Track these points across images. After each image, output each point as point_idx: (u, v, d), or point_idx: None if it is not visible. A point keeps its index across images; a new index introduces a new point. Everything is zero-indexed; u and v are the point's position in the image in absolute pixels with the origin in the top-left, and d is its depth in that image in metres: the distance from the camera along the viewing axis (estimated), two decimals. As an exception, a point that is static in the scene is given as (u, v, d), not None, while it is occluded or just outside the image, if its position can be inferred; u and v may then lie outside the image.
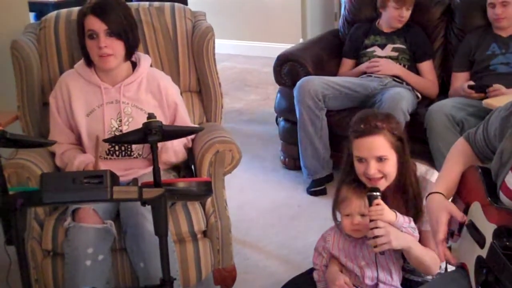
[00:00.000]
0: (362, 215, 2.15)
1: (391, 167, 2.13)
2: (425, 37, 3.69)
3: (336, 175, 3.74)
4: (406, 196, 2.14)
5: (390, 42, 3.67)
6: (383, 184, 2.14)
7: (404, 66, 3.62)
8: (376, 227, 2.03)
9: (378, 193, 2.07)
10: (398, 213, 2.08)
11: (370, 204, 2.06)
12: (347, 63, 3.84)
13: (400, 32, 3.68)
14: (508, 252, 1.47)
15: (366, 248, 2.20)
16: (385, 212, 2.05)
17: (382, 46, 3.69)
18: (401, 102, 3.27)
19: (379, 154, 2.11)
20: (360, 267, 2.19)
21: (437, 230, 1.74)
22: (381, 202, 2.06)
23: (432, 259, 2.04)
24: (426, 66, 3.65)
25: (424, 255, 2.05)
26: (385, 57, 3.64)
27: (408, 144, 2.19)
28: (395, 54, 3.65)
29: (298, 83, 3.50)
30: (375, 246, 2.04)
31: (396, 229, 2.06)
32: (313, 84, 3.45)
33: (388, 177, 2.13)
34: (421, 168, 2.23)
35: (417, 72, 3.64)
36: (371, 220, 2.05)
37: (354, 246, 2.23)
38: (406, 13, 3.63)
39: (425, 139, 3.21)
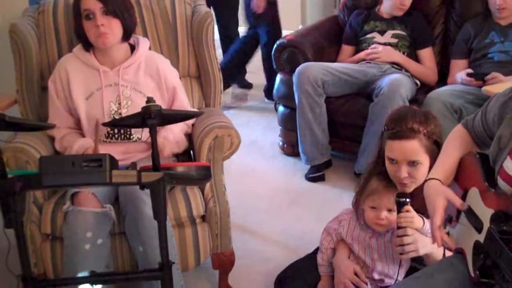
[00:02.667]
0: (389, 211, 2.13)
1: (423, 172, 2.07)
2: (425, 24, 3.68)
3: (335, 161, 3.76)
4: None
5: (390, 28, 3.66)
6: (411, 187, 2.10)
7: (403, 53, 3.62)
8: (405, 235, 2.00)
9: (408, 200, 2.02)
10: (425, 219, 2.03)
11: (400, 211, 2.02)
12: (346, 49, 3.84)
13: (400, 18, 3.67)
14: (505, 237, 1.48)
15: (382, 242, 2.18)
16: (414, 220, 2.01)
17: (382, 32, 3.68)
18: (400, 88, 3.27)
19: (411, 159, 2.07)
20: (372, 259, 2.18)
21: (433, 215, 1.74)
22: (411, 209, 2.02)
23: (441, 255, 2.01)
24: (426, 53, 3.64)
25: (440, 256, 2.01)
26: (385, 43, 3.63)
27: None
28: (394, 40, 3.64)
29: (298, 69, 3.50)
30: (402, 253, 2.02)
31: (422, 235, 2.03)
32: (313, 70, 3.45)
33: (418, 181, 2.09)
34: None
35: (416, 59, 3.64)
36: (399, 227, 2.02)
37: (370, 238, 2.21)
38: (408, 1, 3.61)
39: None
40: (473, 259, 1.63)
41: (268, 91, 4.78)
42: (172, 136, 2.49)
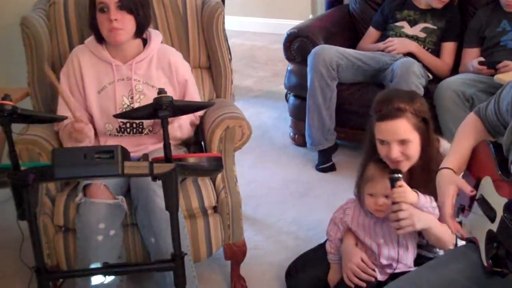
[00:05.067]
0: (386, 196, 2.14)
1: (413, 149, 2.11)
2: (459, 20, 3.59)
3: (345, 151, 3.75)
4: (430, 175, 2.09)
5: (422, 21, 3.60)
6: (405, 165, 2.12)
7: (428, 49, 3.56)
8: (400, 210, 2.02)
9: (400, 175, 2.05)
10: (420, 194, 2.07)
11: (393, 186, 2.05)
12: (372, 33, 3.81)
13: (437, 11, 3.58)
14: (519, 225, 1.47)
15: (386, 226, 2.19)
16: (408, 194, 2.04)
17: (413, 23, 3.62)
18: (413, 66, 3.25)
19: (401, 138, 2.09)
20: (378, 245, 2.19)
21: (443, 203, 1.74)
22: (404, 184, 2.05)
23: (449, 235, 2.04)
24: (448, 46, 3.56)
25: (443, 232, 2.05)
26: (412, 36, 3.58)
27: (433, 121, 2.17)
28: (423, 35, 3.58)
29: (313, 50, 3.49)
30: (399, 229, 2.04)
31: (418, 210, 2.05)
32: (329, 52, 3.44)
33: (411, 159, 2.11)
34: (445, 144, 2.20)
35: (437, 56, 3.59)
36: (393, 203, 2.04)
37: (374, 223, 2.22)
38: None
39: (435, 116, 3.20)
40: (486, 248, 1.62)
41: None
42: (176, 123, 2.49)
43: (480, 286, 1.66)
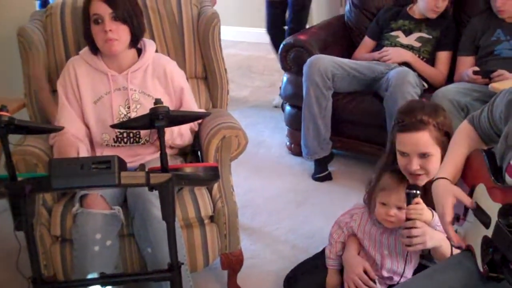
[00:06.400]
0: (399, 208, 2.12)
1: (434, 163, 2.08)
2: (455, 30, 3.62)
3: (341, 161, 3.76)
4: None
5: (417, 30, 3.63)
6: (424, 180, 2.10)
7: (422, 58, 3.58)
8: (413, 227, 1.99)
9: (418, 192, 2.02)
10: (434, 212, 2.03)
11: (409, 202, 2.02)
12: (368, 43, 3.83)
13: (431, 21, 3.61)
14: (513, 229, 1.48)
15: (393, 238, 2.18)
16: (424, 212, 2.01)
17: (408, 33, 3.65)
18: (408, 76, 3.27)
19: (422, 151, 2.07)
20: (382, 256, 2.18)
21: (444, 214, 1.74)
22: (421, 201, 2.01)
23: (449, 249, 2.02)
24: (444, 56, 3.59)
25: (448, 249, 2.01)
26: (407, 45, 3.61)
27: None
28: (418, 44, 3.61)
29: (309, 60, 3.50)
30: (409, 245, 2.01)
31: (431, 228, 2.02)
32: (324, 62, 3.45)
33: (430, 173, 2.08)
34: None
35: (432, 65, 3.61)
36: (408, 219, 2.01)
37: (381, 234, 2.21)
38: (442, 4, 3.55)
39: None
40: (481, 254, 1.63)
41: None
42: (177, 130, 2.49)
43: (476, 294, 1.67)
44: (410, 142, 2.08)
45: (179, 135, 2.51)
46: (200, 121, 2.63)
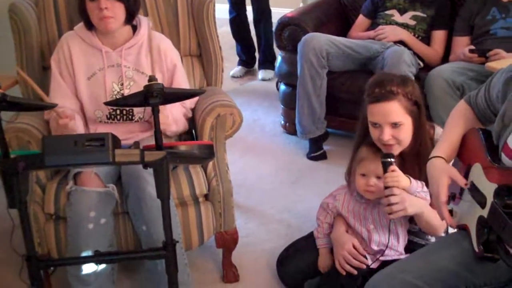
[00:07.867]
0: (378, 178, 2.15)
1: (405, 133, 2.13)
2: (449, 8, 3.60)
3: (336, 140, 3.75)
4: (422, 160, 2.11)
5: (411, 9, 3.61)
6: (397, 149, 2.14)
7: (418, 36, 3.57)
8: (392, 195, 2.03)
9: (392, 159, 2.06)
10: (412, 179, 2.08)
11: (385, 171, 2.06)
12: (362, 21, 3.81)
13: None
14: (509, 210, 1.49)
15: (376, 212, 2.21)
16: (400, 179, 2.05)
17: (402, 11, 3.63)
18: (403, 55, 3.27)
19: (393, 120, 2.10)
20: (368, 231, 2.20)
21: (438, 193, 1.74)
22: (396, 168, 2.05)
23: (439, 220, 2.05)
24: (439, 35, 3.58)
25: (433, 218, 2.06)
26: (402, 24, 3.59)
27: (424, 107, 2.18)
28: (413, 22, 3.59)
29: (303, 38, 3.48)
30: (390, 213, 2.05)
31: (410, 195, 2.06)
32: (318, 40, 3.43)
33: (402, 142, 2.13)
34: (439, 130, 2.22)
35: (428, 44, 3.60)
36: (386, 187, 2.05)
37: (364, 209, 2.24)
38: None
39: (426, 104, 3.20)
40: (477, 234, 1.63)
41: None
42: (171, 117, 2.48)
43: (471, 273, 1.67)
44: (381, 112, 2.12)
45: (173, 122, 2.49)
46: (193, 106, 2.61)
